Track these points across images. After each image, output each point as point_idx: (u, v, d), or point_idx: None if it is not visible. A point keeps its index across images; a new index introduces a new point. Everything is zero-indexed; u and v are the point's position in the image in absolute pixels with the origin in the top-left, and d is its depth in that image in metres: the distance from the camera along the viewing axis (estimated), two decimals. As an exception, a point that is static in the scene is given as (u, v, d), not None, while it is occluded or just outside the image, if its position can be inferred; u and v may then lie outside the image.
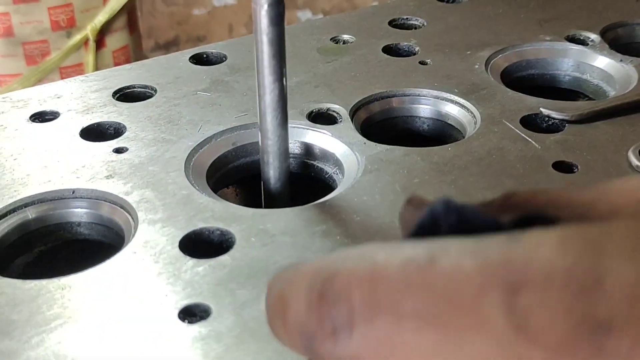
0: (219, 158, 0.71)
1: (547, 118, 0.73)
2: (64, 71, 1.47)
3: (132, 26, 1.59)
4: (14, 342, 0.49)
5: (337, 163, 0.71)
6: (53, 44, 1.44)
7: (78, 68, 1.49)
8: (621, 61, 0.85)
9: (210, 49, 0.90)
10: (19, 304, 0.52)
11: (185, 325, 0.50)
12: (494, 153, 0.68)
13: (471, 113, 0.76)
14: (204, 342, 0.48)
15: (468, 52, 0.87)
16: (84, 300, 0.52)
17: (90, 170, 0.67)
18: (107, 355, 0.48)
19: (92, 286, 0.54)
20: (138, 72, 0.85)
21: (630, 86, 0.80)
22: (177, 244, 0.57)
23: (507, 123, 0.73)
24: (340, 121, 0.74)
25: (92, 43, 1.47)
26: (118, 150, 0.70)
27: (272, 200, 0.67)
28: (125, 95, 0.81)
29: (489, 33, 0.92)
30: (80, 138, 0.73)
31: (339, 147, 0.71)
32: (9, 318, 0.51)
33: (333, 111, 0.76)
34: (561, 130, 0.72)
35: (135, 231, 0.60)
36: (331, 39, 0.92)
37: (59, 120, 0.76)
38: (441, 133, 0.79)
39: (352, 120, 0.75)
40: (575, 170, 0.66)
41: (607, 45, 0.89)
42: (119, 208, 0.63)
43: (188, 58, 0.88)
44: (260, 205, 0.68)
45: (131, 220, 0.61)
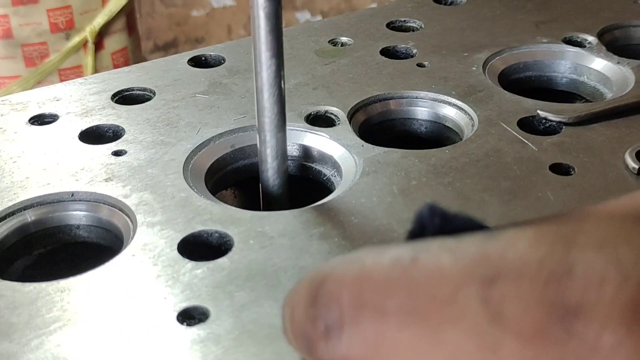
0: (218, 160, 0.71)
1: (544, 120, 0.74)
2: (63, 73, 1.48)
3: (131, 28, 1.59)
4: (14, 345, 0.49)
5: (335, 165, 0.71)
6: (52, 46, 1.44)
7: (77, 70, 1.49)
8: (618, 63, 0.85)
9: (208, 52, 0.90)
10: (19, 307, 0.52)
11: (183, 327, 0.50)
12: (491, 155, 0.69)
13: (469, 115, 0.76)
14: (203, 345, 0.49)
15: (465, 54, 0.87)
16: (83, 303, 0.53)
17: (89, 173, 0.67)
18: (106, 357, 0.48)
19: (92, 289, 0.54)
20: (137, 75, 0.85)
21: (627, 88, 0.81)
22: (176, 247, 0.58)
23: (505, 125, 0.73)
24: (338, 123, 0.75)
25: (91, 45, 1.47)
26: (117, 152, 0.70)
27: (271, 202, 0.67)
28: (124, 97, 0.81)
29: (486, 35, 0.92)
30: (79, 141, 0.73)
31: (337, 150, 0.71)
32: (9, 321, 0.51)
33: (331, 113, 0.76)
34: (558, 132, 0.72)
35: (134, 234, 0.60)
36: (329, 41, 0.92)
37: (58, 123, 0.76)
38: (439, 135, 0.79)
39: (350, 122, 0.75)
40: (572, 172, 0.66)
41: (604, 47, 0.89)
42: (118, 211, 0.63)
43: (186, 60, 0.88)
44: (258, 207, 0.68)
45: (130, 223, 0.62)
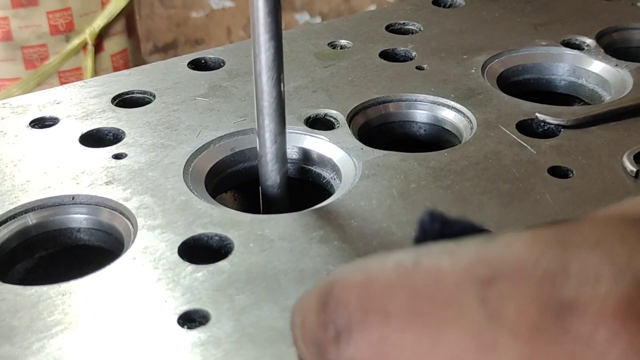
0: (218, 163, 0.72)
1: (543, 123, 0.74)
2: (63, 75, 1.48)
3: (131, 30, 1.59)
4: (15, 348, 0.49)
5: (335, 168, 0.71)
6: (52, 48, 1.44)
7: (77, 72, 1.49)
8: (616, 66, 0.85)
9: (208, 54, 0.90)
10: (20, 310, 0.53)
11: (184, 330, 0.50)
12: (490, 158, 0.69)
13: (467, 118, 0.76)
14: (203, 348, 0.49)
15: (464, 57, 0.88)
16: (85, 306, 0.53)
17: (89, 176, 0.68)
18: (108, 360, 0.49)
19: (93, 292, 0.54)
20: (137, 78, 0.85)
21: (625, 91, 0.81)
22: (176, 250, 0.58)
23: (503, 128, 0.73)
24: (337, 126, 0.75)
25: (91, 47, 1.47)
26: (117, 156, 0.70)
27: (271, 205, 0.68)
28: (124, 100, 0.81)
29: (485, 38, 0.93)
30: (79, 144, 0.73)
31: (337, 153, 0.72)
32: (10, 324, 0.52)
33: (330, 116, 0.76)
34: (557, 135, 0.73)
35: (134, 237, 0.60)
36: (329, 44, 0.92)
37: (59, 126, 0.76)
38: (438, 138, 0.80)
39: (350, 125, 0.75)
40: (570, 175, 0.66)
41: (603, 50, 0.89)
42: (119, 214, 0.64)
43: (186, 63, 0.88)
44: (258, 210, 0.69)
45: (130, 226, 0.62)
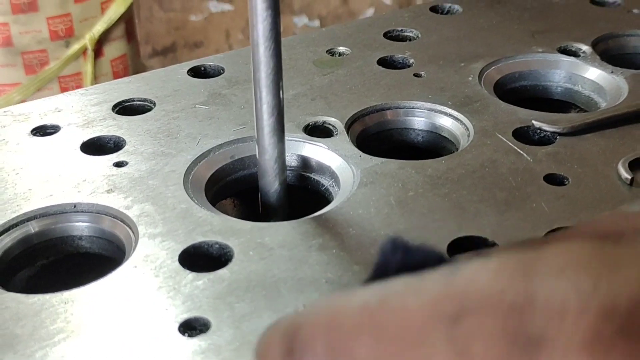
0: (217, 171, 0.73)
1: (539, 130, 0.75)
2: (63, 80, 1.49)
3: (130, 35, 1.60)
4: (18, 356, 0.50)
5: (333, 176, 0.72)
6: (52, 54, 1.45)
7: (77, 77, 1.50)
8: (612, 73, 0.86)
9: (208, 62, 0.91)
10: (23, 318, 0.53)
11: (185, 338, 0.51)
12: (487, 166, 0.70)
13: (464, 125, 0.77)
14: (204, 356, 0.50)
15: (462, 64, 0.89)
16: (87, 314, 0.54)
17: (91, 184, 0.68)
18: (110, 368, 0.50)
19: (95, 300, 0.55)
20: (137, 85, 0.86)
21: (620, 98, 0.82)
22: (177, 258, 0.59)
23: (500, 136, 0.74)
24: (336, 134, 0.76)
25: (91, 52, 1.48)
26: (118, 164, 0.71)
27: (270, 212, 0.68)
28: (124, 108, 0.82)
29: (483, 45, 0.93)
30: (80, 152, 0.74)
31: (335, 160, 0.72)
32: (13, 332, 0.52)
33: (329, 124, 0.77)
34: (553, 142, 0.74)
35: (135, 245, 0.61)
36: (327, 51, 0.93)
37: (60, 134, 0.77)
38: (435, 145, 0.80)
39: (348, 133, 0.76)
40: (566, 182, 0.67)
41: (598, 56, 0.90)
42: (120, 222, 0.64)
43: (186, 71, 0.89)
44: (258, 217, 0.69)
45: (132, 234, 0.63)
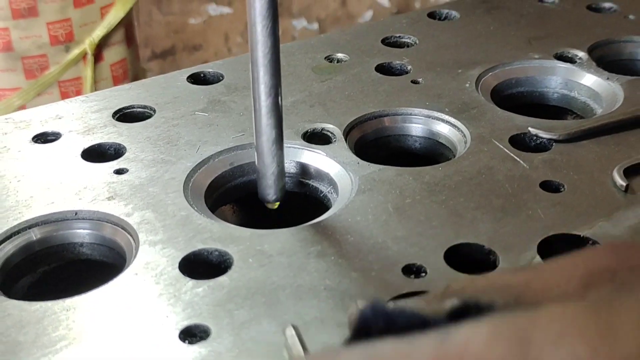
0: (217, 178, 0.73)
1: (535, 137, 0.76)
2: (63, 85, 1.49)
3: (130, 39, 1.61)
4: (21, 363, 0.51)
5: (332, 182, 0.73)
6: (52, 58, 1.46)
7: (76, 82, 1.51)
8: (608, 79, 0.87)
9: (207, 68, 0.92)
10: (25, 326, 0.54)
11: (185, 345, 0.52)
12: (484, 172, 0.70)
13: (461, 132, 0.78)
14: (204, 363, 0.50)
15: (459, 71, 0.89)
16: (88, 321, 0.54)
17: (91, 191, 0.69)
18: (111, 375, 0.50)
19: (96, 307, 0.56)
20: (137, 92, 0.87)
21: (616, 104, 0.82)
22: (177, 265, 0.60)
23: (497, 142, 0.75)
24: (334, 141, 0.76)
25: (91, 57, 1.49)
26: (119, 171, 0.72)
27: (267, 192, 0.68)
28: (124, 115, 0.83)
29: (480, 51, 0.94)
30: (81, 159, 0.75)
31: (333, 167, 0.73)
32: (16, 339, 0.53)
33: (327, 131, 0.78)
34: (549, 149, 0.74)
35: (136, 252, 0.62)
36: (325, 58, 0.94)
37: (61, 141, 0.78)
38: (433, 151, 0.81)
39: (346, 139, 0.77)
40: (562, 189, 0.68)
41: (594, 62, 0.91)
42: (121, 229, 0.65)
43: (186, 77, 0.90)
44: (257, 223, 0.70)
45: (132, 241, 0.63)
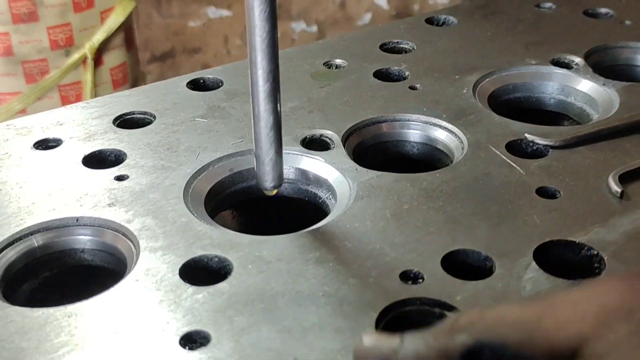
0: (217, 185, 0.74)
1: (532, 143, 0.76)
2: (63, 89, 1.50)
3: (129, 43, 1.62)
4: (24, 369, 0.52)
5: (330, 188, 0.74)
6: (52, 63, 1.47)
7: (77, 86, 1.51)
8: (604, 85, 0.88)
9: (207, 74, 0.92)
10: (28, 332, 0.55)
11: (186, 351, 0.53)
12: (481, 179, 0.71)
13: (459, 138, 0.79)
14: (204, 369, 0.51)
15: (457, 77, 0.90)
16: (90, 327, 0.55)
17: (93, 198, 0.70)
18: (113, 381, 0.51)
19: (98, 313, 0.56)
20: (137, 98, 0.88)
21: (612, 110, 0.83)
22: (177, 272, 0.60)
23: (493, 148, 0.75)
24: (333, 147, 0.77)
25: (91, 61, 1.50)
26: (119, 177, 0.73)
27: (265, 178, 0.66)
28: (125, 121, 0.83)
29: (477, 57, 0.95)
30: (82, 165, 0.75)
31: (332, 173, 0.74)
32: (19, 346, 0.54)
33: (326, 137, 0.79)
34: (545, 155, 0.75)
35: (137, 258, 0.62)
36: (324, 63, 0.95)
37: (62, 147, 0.78)
38: (431, 157, 0.82)
39: (345, 145, 0.77)
40: (558, 195, 0.69)
41: (591, 68, 0.92)
42: (121, 236, 0.66)
43: (185, 83, 0.90)
44: (256, 227, 0.70)
45: (133, 247, 0.64)
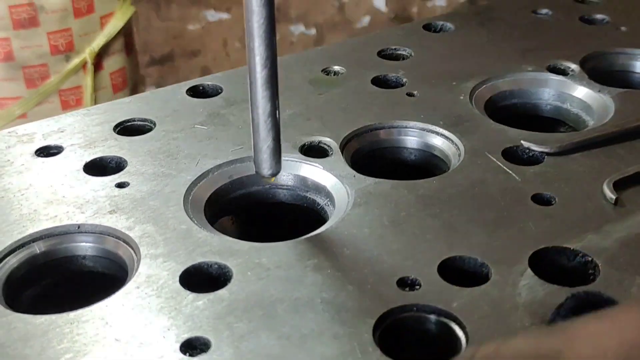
0: (216, 191, 0.75)
1: (528, 150, 0.77)
2: (63, 94, 1.51)
3: (129, 48, 1.63)
4: (27, 376, 0.52)
5: (329, 195, 0.74)
6: (52, 68, 1.48)
7: (77, 90, 1.52)
8: (599, 91, 0.88)
9: (206, 81, 0.93)
10: (31, 339, 0.56)
11: (186, 358, 0.53)
12: (477, 185, 0.72)
13: (455, 145, 0.79)
14: (205, 375, 0.52)
15: (454, 83, 0.91)
16: (92, 334, 0.56)
17: (94, 205, 0.71)
18: (115, 387, 0.52)
19: (99, 320, 0.57)
20: (137, 105, 0.88)
21: (607, 116, 0.84)
22: (178, 279, 0.61)
23: (490, 155, 0.76)
24: (331, 154, 0.78)
25: (90, 66, 1.51)
26: (120, 185, 0.73)
27: (262, 167, 0.67)
28: (125, 128, 0.84)
29: (474, 63, 0.96)
30: (83, 172, 0.76)
31: (330, 180, 0.75)
32: (22, 352, 0.55)
33: (324, 144, 0.79)
34: (541, 162, 0.76)
35: (138, 265, 0.63)
36: (322, 70, 0.95)
37: (63, 154, 0.79)
38: (428, 163, 0.83)
39: (343, 152, 0.78)
40: (553, 202, 0.69)
41: (586, 74, 0.92)
42: (123, 243, 0.67)
43: (185, 90, 0.91)
44: (255, 234, 0.71)
45: (134, 254, 0.65)
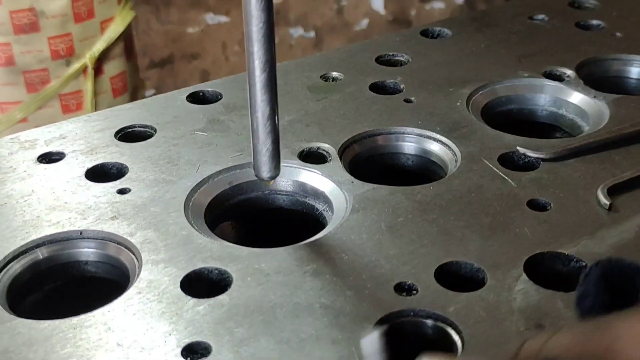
0: (216, 197, 0.76)
1: (524, 156, 0.78)
2: (64, 98, 1.52)
3: (129, 53, 1.64)
4: (31, 380, 0.53)
5: (327, 201, 0.75)
6: (53, 72, 1.49)
7: (77, 95, 1.53)
8: (594, 97, 0.90)
9: (206, 87, 0.94)
10: (35, 344, 0.57)
11: (187, 362, 0.55)
12: (473, 191, 0.73)
13: (452, 151, 0.80)
14: (205, 379, 0.53)
15: (450, 89, 0.92)
16: (95, 339, 0.57)
17: (95, 211, 0.72)
18: (117, 392, 0.53)
19: (102, 325, 0.58)
20: (138, 112, 0.89)
21: (602, 122, 0.85)
22: (179, 284, 0.62)
23: (486, 161, 0.77)
24: (329, 160, 0.79)
25: (91, 71, 1.52)
26: (121, 191, 0.74)
27: (261, 169, 0.68)
28: (126, 134, 0.85)
29: (471, 69, 0.97)
30: (85, 179, 0.77)
31: (329, 186, 0.76)
32: (26, 357, 0.56)
33: (323, 150, 0.81)
34: (537, 167, 0.77)
35: (139, 271, 0.64)
36: (321, 76, 0.96)
37: (65, 160, 0.80)
38: (425, 169, 0.84)
39: (341, 158, 0.79)
40: (548, 208, 0.71)
41: (582, 80, 0.94)
42: (124, 248, 0.68)
43: (185, 97, 0.92)
44: (255, 239, 0.72)
45: (135, 260, 0.66)
